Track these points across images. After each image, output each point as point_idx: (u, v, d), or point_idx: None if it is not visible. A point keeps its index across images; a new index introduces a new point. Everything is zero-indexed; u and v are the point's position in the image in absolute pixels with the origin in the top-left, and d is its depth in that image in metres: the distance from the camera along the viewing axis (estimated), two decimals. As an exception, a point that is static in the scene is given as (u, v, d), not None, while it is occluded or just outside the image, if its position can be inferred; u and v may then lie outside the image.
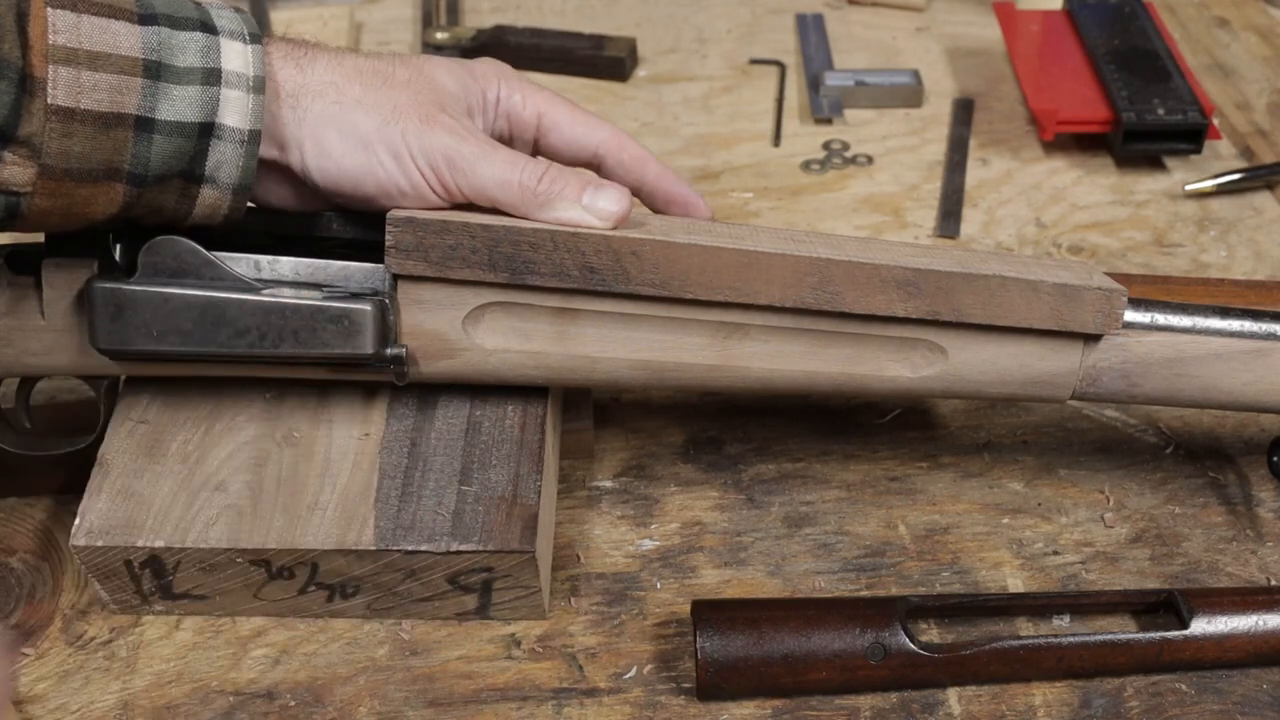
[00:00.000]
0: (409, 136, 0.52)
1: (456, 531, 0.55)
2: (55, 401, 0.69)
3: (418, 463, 0.58)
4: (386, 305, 0.54)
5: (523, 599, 0.58)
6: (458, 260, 0.53)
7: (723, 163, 0.91)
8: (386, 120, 0.52)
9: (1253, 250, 0.83)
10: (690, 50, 1.03)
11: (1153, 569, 0.62)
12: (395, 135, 0.52)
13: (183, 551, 0.55)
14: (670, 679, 0.57)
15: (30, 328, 0.56)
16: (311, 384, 0.61)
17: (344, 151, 0.52)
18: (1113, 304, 0.55)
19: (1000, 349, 0.56)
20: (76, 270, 0.54)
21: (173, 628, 0.59)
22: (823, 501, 0.65)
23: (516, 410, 0.60)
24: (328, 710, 0.56)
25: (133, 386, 0.61)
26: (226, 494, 0.57)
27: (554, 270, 0.54)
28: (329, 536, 0.55)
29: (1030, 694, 0.56)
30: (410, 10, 1.06)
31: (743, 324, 0.55)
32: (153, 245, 0.53)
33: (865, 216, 0.86)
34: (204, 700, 0.56)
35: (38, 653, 0.59)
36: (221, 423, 0.60)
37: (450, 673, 0.57)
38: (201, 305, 0.53)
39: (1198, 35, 1.05)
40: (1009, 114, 0.97)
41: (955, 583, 0.61)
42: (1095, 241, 0.83)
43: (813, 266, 0.54)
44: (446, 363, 0.56)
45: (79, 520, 0.56)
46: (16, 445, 0.60)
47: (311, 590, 0.58)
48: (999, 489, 0.66)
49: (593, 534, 0.64)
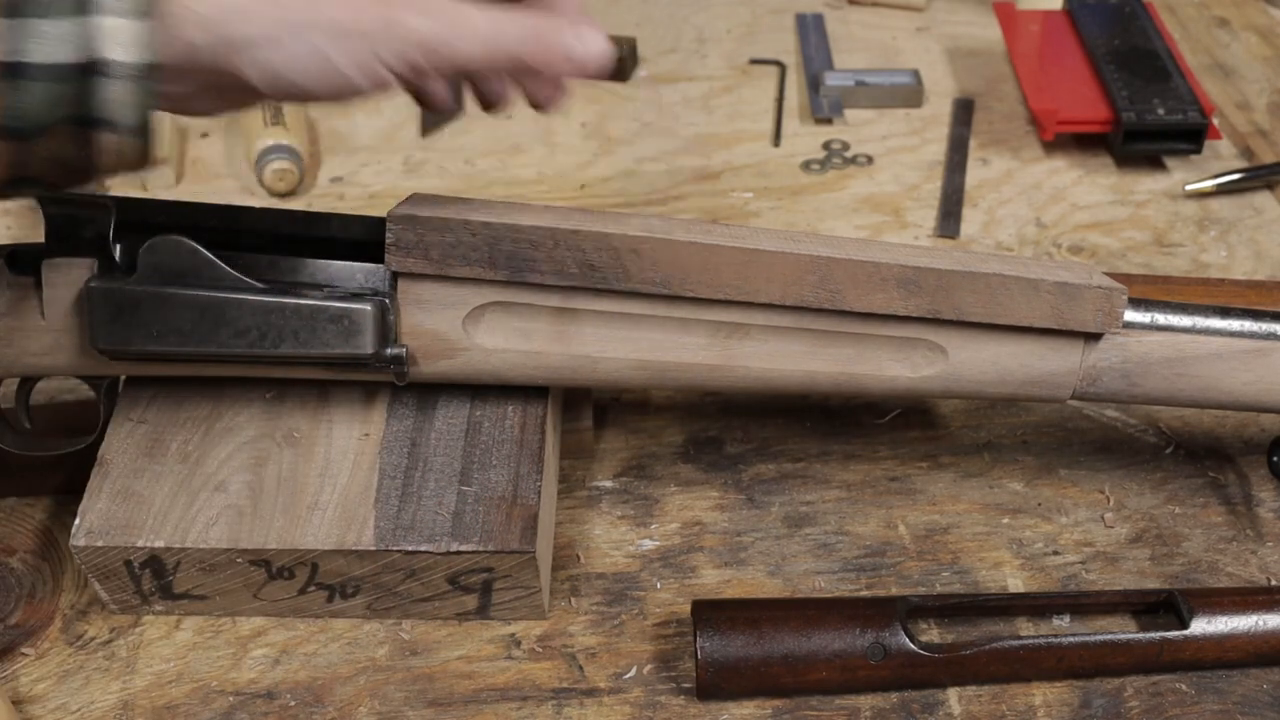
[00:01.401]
0: (376, 41, 0.46)
1: (456, 532, 0.55)
2: (55, 401, 0.69)
3: (418, 463, 0.58)
4: (386, 305, 0.54)
5: (523, 599, 0.58)
6: (458, 258, 0.53)
7: (723, 163, 0.91)
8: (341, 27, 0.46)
9: (1253, 250, 0.83)
10: (690, 50, 1.03)
11: (1153, 569, 0.62)
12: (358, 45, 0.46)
13: (183, 551, 0.55)
14: (670, 679, 0.57)
15: (30, 328, 0.56)
16: (311, 384, 0.61)
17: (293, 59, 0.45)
18: (1113, 303, 0.55)
19: (1000, 348, 0.56)
20: (76, 270, 0.54)
21: (173, 628, 0.59)
22: (823, 501, 0.65)
23: (516, 410, 0.60)
24: (328, 710, 0.56)
25: (133, 386, 0.61)
26: (226, 494, 0.57)
27: (554, 268, 0.54)
28: (329, 537, 0.55)
29: (1030, 694, 0.56)
30: (410, 10, 1.06)
31: (743, 323, 0.55)
32: (153, 245, 0.53)
33: (865, 216, 0.86)
34: (204, 700, 0.56)
35: (38, 653, 0.59)
36: (221, 423, 0.60)
37: (450, 673, 0.57)
38: (201, 305, 0.53)
39: (1198, 35, 1.05)
40: (1009, 114, 0.97)
41: (955, 583, 0.61)
42: (1095, 241, 0.83)
43: (813, 265, 0.54)
44: (446, 363, 0.56)
45: (79, 520, 0.56)
46: (16, 445, 0.60)
47: (311, 590, 0.58)
48: (999, 489, 0.66)
49: (593, 534, 0.64)
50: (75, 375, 0.58)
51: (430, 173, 0.89)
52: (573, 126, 0.94)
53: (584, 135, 0.93)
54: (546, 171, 0.89)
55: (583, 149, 0.91)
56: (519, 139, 0.92)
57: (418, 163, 0.90)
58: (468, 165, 0.90)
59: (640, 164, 0.90)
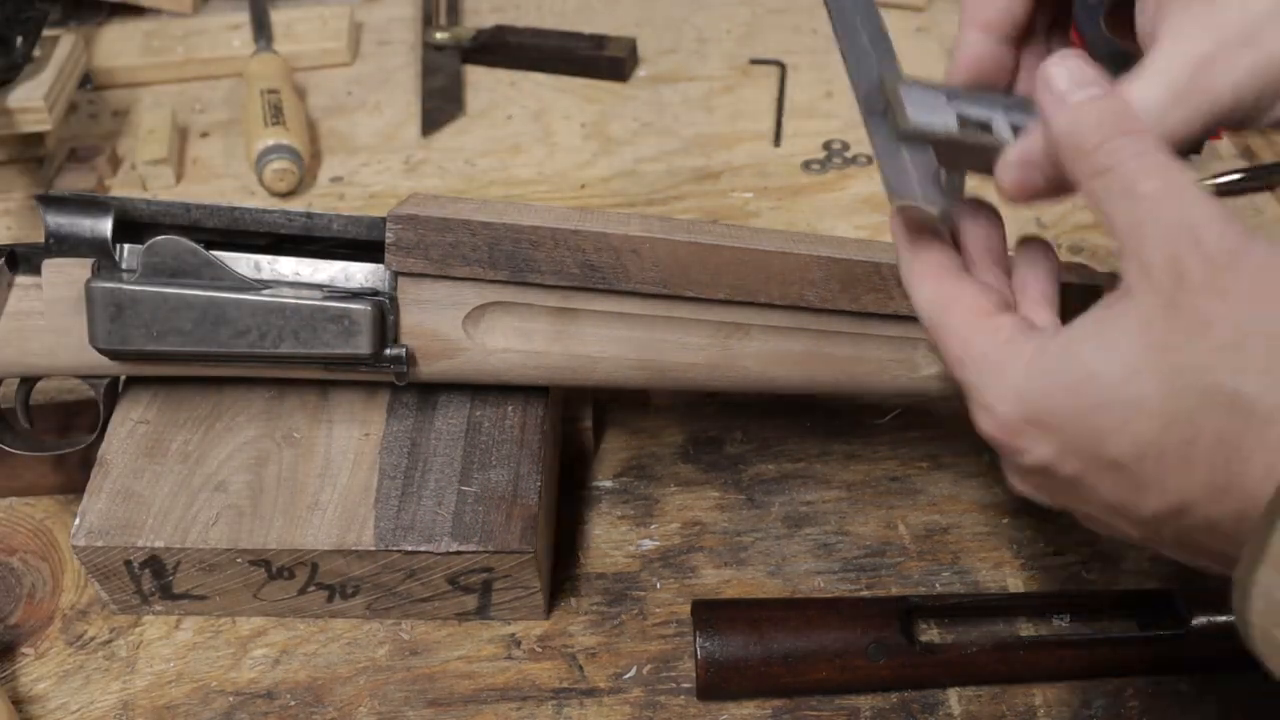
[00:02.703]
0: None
1: (456, 532, 0.55)
2: (55, 401, 0.69)
3: (418, 463, 0.58)
4: (386, 305, 0.54)
5: (523, 599, 0.58)
6: (458, 258, 0.53)
7: (723, 163, 0.91)
8: None
9: (1253, 250, 0.83)
10: (690, 50, 1.03)
11: (1153, 569, 0.62)
12: None
13: (183, 551, 0.55)
14: (670, 679, 0.57)
15: (30, 328, 0.56)
16: (311, 384, 0.61)
17: None
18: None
19: (1000, 349, 0.56)
20: (76, 270, 0.54)
21: (173, 628, 0.59)
22: (823, 501, 0.65)
23: (516, 410, 0.60)
24: (328, 710, 0.56)
25: (133, 386, 0.61)
26: (226, 494, 0.57)
27: (554, 268, 0.54)
28: (329, 537, 0.55)
29: (1030, 694, 0.56)
30: (410, 10, 1.06)
31: (743, 323, 0.55)
32: (153, 245, 0.53)
33: (865, 216, 0.86)
34: (204, 700, 0.56)
35: (37, 653, 0.59)
36: (221, 423, 0.60)
37: (450, 673, 0.57)
38: (201, 305, 0.53)
39: (1198, 35, 1.05)
40: (1009, 114, 0.96)
41: (955, 583, 0.61)
42: (1095, 241, 0.83)
43: (813, 264, 0.54)
44: (446, 363, 0.56)
45: (79, 520, 0.56)
46: (16, 445, 0.60)
47: (311, 590, 0.58)
48: (999, 489, 0.66)
49: (593, 534, 0.64)
50: (75, 375, 0.58)
51: (430, 173, 0.89)
52: (573, 126, 0.94)
53: (584, 135, 0.93)
54: (546, 171, 0.89)
55: (583, 149, 0.91)
56: (519, 139, 0.92)
57: (418, 163, 0.90)
58: (468, 165, 0.90)
59: (640, 164, 0.90)
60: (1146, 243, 0.35)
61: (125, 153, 0.91)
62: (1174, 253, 0.34)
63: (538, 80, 0.98)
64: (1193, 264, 0.34)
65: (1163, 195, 0.35)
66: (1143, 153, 0.37)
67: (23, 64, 0.79)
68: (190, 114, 0.95)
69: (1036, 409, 0.36)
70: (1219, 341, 0.33)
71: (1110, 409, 0.35)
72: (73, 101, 0.92)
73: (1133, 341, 0.34)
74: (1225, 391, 0.33)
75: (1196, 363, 0.33)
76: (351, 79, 0.98)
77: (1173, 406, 0.34)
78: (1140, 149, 0.37)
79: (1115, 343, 0.35)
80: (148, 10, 1.02)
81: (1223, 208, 0.35)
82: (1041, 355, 0.36)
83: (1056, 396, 0.35)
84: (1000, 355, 0.37)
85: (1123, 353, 0.35)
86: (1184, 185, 0.35)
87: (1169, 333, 0.34)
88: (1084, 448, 0.36)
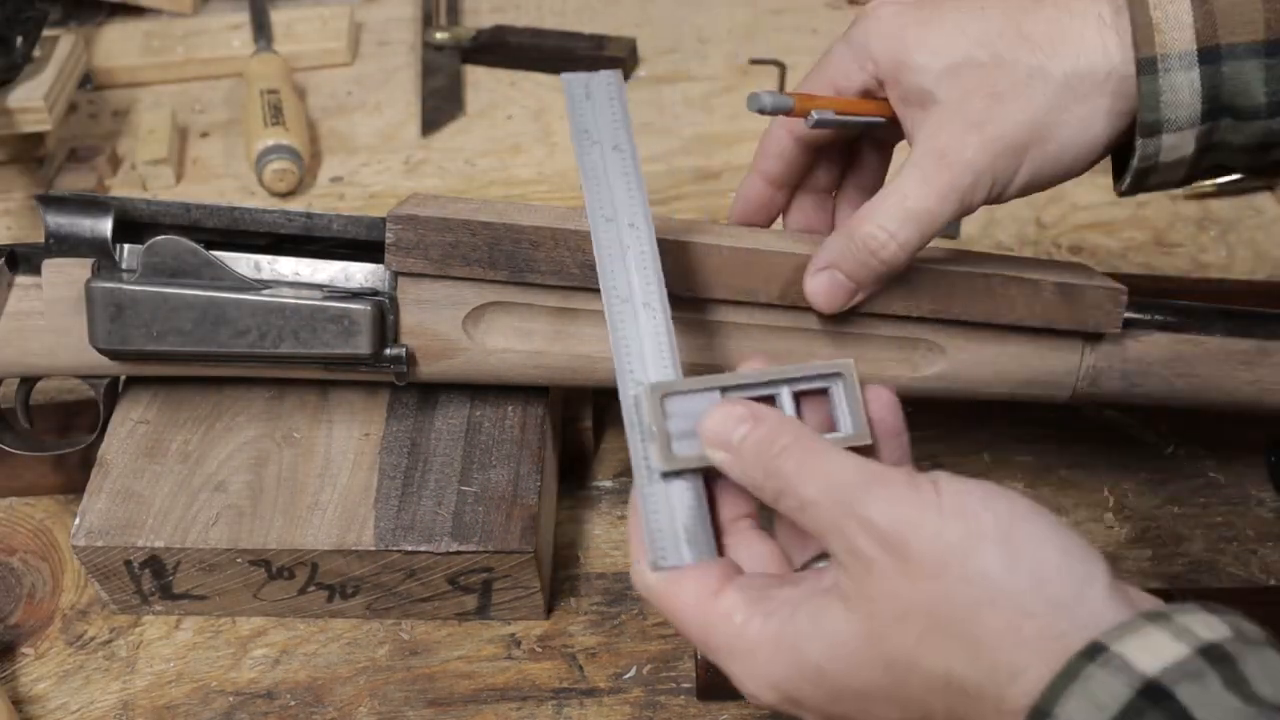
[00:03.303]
0: None
1: (456, 532, 0.55)
2: (55, 401, 0.69)
3: (418, 463, 0.58)
4: (386, 305, 0.54)
5: (523, 599, 0.58)
6: (458, 258, 0.53)
7: (723, 163, 0.90)
8: None
9: (1253, 250, 0.83)
10: (690, 50, 1.03)
11: (1153, 569, 0.62)
12: None
13: (183, 551, 0.55)
14: (670, 679, 0.57)
15: (30, 328, 0.56)
16: (311, 384, 0.61)
17: None
18: (1113, 303, 0.55)
19: (1000, 348, 0.56)
20: (76, 270, 0.54)
21: (173, 628, 0.59)
22: (823, 501, 0.65)
23: (516, 410, 0.60)
24: (328, 710, 0.56)
25: (133, 386, 0.61)
26: (226, 494, 0.57)
27: (554, 268, 0.54)
28: (329, 537, 0.55)
29: (1030, 694, 0.56)
30: (410, 10, 1.06)
31: (743, 323, 0.55)
32: (153, 245, 0.53)
33: (865, 216, 0.86)
34: (204, 700, 0.56)
35: (37, 653, 0.59)
36: (221, 423, 0.60)
37: (450, 673, 0.57)
38: (201, 305, 0.53)
39: (1198, 35, 1.05)
40: (1009, 114, 0.96)
41: (955, 583, 0.61)
42: (1095, 241, 0.83)
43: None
44: (446, 363, 0.56)
45: (79, 520, 0.56)
46: (16, 445, 0.60)
47: (311, 590, 0.58)
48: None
49: (593, 534, 0.64)
50: (75, 375, 0.58)
51: (430, 173, 0.89)
52: (573, 126, 0.94)
53: (584, 135, 0.93)
54: (546, 171, 0.89)
55: (583, 149, 0.91)
56: (519, 139, 0.92)
57: (418, 163, 0.90)
58: (468, 165, 0.90)
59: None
60: (831, 541, 0.37)
61: (125, 153, 0.91)
62: (852, 546, 0.36)
63: (538, 80, 0.98)
64: (874, 552, 0.36)
65: (824, 495, 0.37)
66: (799, 463, 0.38)
67: (23, 64, 0.79)
68: (190, 114, 0.95)
69: (791, 694, 0.38)
70: (918, 628, 0.35)
71: (847, 699, 0.37)
72: (73, 101, 0.92)
73: (847, 637, 0.36)
74: (939, 675, 0.35)
75: (904, 654, 0.35)
76: (351, 79, 0.98)
77: (902, 694, 0.36)
78: (795, 460, 0.38)
79: (833, 637, 0.37)
80: (148, 10, 1.02)
81: (885, 474, 0.37)
82: (778, 649, 0.38)
83: (804, 689, 0.37)
84: (741, 645, 0.39)
85: (841, 649, 0.36)
86: (842, 473, 0.37)
87: (873, 622, 0.36)
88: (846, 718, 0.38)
